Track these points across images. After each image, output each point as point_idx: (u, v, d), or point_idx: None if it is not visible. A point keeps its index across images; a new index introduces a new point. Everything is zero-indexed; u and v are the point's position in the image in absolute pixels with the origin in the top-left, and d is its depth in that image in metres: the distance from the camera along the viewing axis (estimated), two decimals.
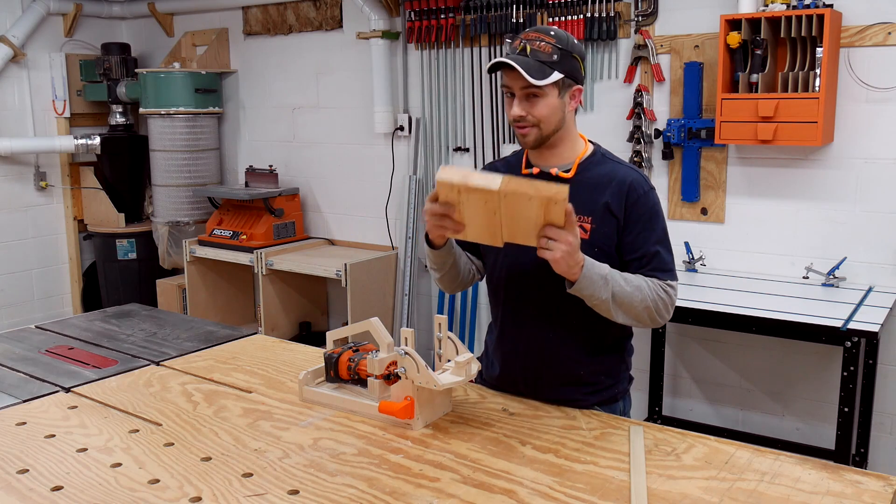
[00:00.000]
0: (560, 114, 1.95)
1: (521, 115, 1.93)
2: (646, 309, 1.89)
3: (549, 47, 1.90)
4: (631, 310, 1.88)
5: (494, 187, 1.66)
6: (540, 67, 1.88)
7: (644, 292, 1.88)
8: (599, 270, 1.82)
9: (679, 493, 1.54)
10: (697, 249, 3.76)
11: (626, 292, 1.86)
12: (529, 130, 1.95)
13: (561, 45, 1.91)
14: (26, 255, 5.43)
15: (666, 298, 1.93)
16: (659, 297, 1.91)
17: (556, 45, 1.91)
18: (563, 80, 1.92)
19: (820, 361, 3.57)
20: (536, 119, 1.93)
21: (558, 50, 1.90)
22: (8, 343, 2.61)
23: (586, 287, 1.81)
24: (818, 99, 3.16)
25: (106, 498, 1.56)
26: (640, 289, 1.88)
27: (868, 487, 1.55)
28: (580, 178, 1.99)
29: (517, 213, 1.71)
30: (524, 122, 1.94)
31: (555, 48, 1.90)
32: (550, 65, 1.89)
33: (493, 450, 1.74)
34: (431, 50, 4.45)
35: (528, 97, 1.92)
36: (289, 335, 4.88)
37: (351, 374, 1.96)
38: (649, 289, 1.90)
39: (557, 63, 1.90)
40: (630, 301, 1.87)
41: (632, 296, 1.86)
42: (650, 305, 1.89)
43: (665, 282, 1.94)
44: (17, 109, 5.31)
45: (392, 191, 4.74)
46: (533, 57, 1.89)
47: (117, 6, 5.73)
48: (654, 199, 1.98)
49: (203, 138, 5.20)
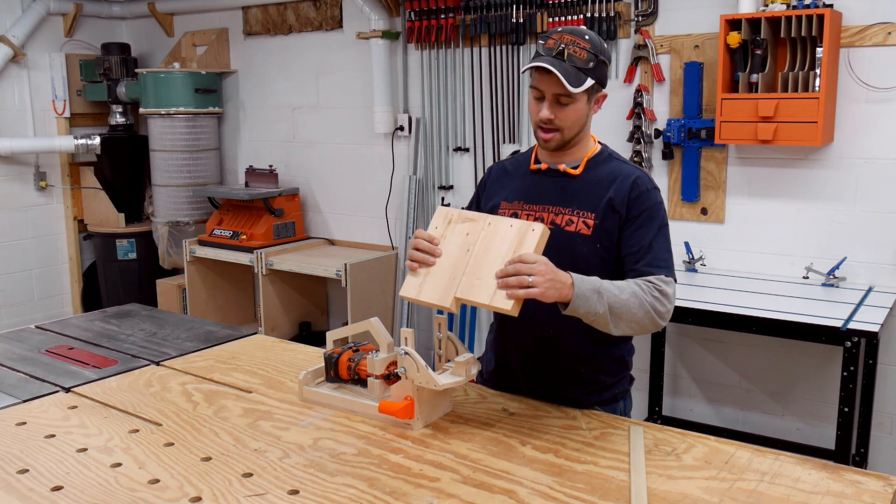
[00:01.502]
0: (585, 119, 1.96)
1: (550, 118, 1.92)
2: (646, 313, 1.81)
3: (584, 53, 1.88)
4: (631, 317, 1.80)
5: (451, 307, 1.77)
6: (577, 74, 1.87)
7: (640, 297, 1.81)
8: (591, 285, 1.76)
9: (679, 493, 1.54)
10: (697, 249, 3.76)
11: (621, 301, 1.78)
12: (554, 135, 1.95)
13: (595, 51, 1.90)
14: (26, 255, 5.42)
15: (662, 297, 1.85)
16: (655, 297, 1.83)
17: (591, 50, 1.89)
18: (593, 86, 1.91)
19: (820, 361, 3.57)
20: (563, 124, 1.93)
21: (593, 56, 1.89)
22: (8, 343, 2.61)
23: (581, 305, 1.74)
24: (818, 99, 3.16)
25: (106, 498, 1.56)
26: (635, 294, 1.81)
27: (868, 487, 1.55)
28: (586, 175, 2.00)
29: (492, 247, 1.78)
30: (550, 126, 1.93)
31: (590, 54, 1.89)
32: (585, 71, 1.88)
33: (493, 450, 1.74)
34: (431, 50, 4.45)
35: (559, 102, 1.91)
36: (289, 335, 4.88)
37: (351, 374, 1.96)
38: (644, 291, 1.83)
39: (592, 70, 1.89)
40: (628, 308, 1.79)
41: (628, 303, 1.79)
42: (648, 309, 1.81)
43: (659, 278, 1.87)
44: (17, 109, 5.31)
45: (392, 191, 4.74)
46: (570, 62, 1.87)
47: (117, 6, 5.73)
48: (655, 198, 1.97)
49: (203, 138, 5.20)
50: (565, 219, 1.97)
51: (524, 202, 2.03)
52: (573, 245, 1.94)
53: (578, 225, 1.95)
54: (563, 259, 1.77)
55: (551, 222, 1.97)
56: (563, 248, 1.88)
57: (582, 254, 1.93)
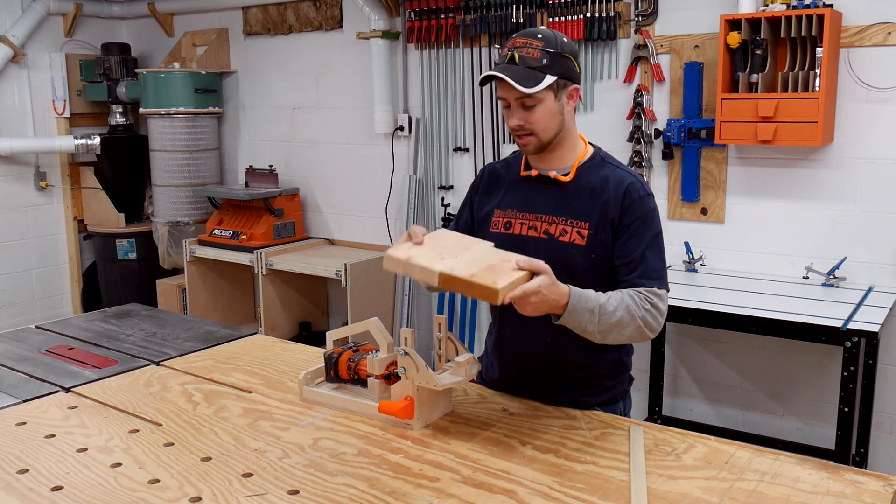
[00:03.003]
0: (559, 117, 1.93)
1: (519, 124, 1.91)
2: (637, 328, 1.81)
3: (536, 52, 1.86)
4: (621, 332, 1.80)
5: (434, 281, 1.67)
6: (530, 74, 1.85)
7: (632, 312, 1.80)
8: (587, 304, 1.74)
9: (679, 493, 1.54)
10: (697, 249, 3.76)
11: (614, 319, 1.77)
12: (529, 139, 1.93)
13: (550, 48, 1.87)
14: (26, 255, 5.43)
15: (653, 311, 1.84)
16: (647, 310, 1.83)
17: (544, 48, 1.86)
18: (556, 82, 1.88)
19: (820, 361, 3.57)
20: (535, 127, 1.91)
21: (547, 53, 1.87)
22: (8, 343, 2.61)
23: (571, 321, 1.75)
24: (818, 99, 3.16)
25: (106, 498, 1.56)
26: (627, 309, 1.80)
27: (868, 487, 1.55)
28: (578, 182, 1.97)
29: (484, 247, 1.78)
30: (523, 131, 1.92)
31: (543, 52, 1.86)
32: (541, 69, 1.86)
33: (493, 450, 1.74)
34: (431, 50, 4.45)
35: (524, 105, 1.89)
36: (289, 335, 4.88)
37: (351, 374, 1.96)
38: (636, 305, 1.82)
39: (548, 66, 1.86)
40: (619, 324, 1.79)
41: (621, 320, 1.78)
42: (640, 324, 1.81)
43: (651, 290, 1.86)
44: (17, 109, 5.32)
45: (392, 191, 4.74)
46: (522, 64, 1.86)
47: (117, 6, 5.73)
48: (649, 205, 1.94)
49: (203, 138, 5.20)
50: (559, 228, 1.94)
51: (517, 210, 2.01)
52: (568, 256, 1.92)
53: (573, 235, 1.93)
54: (557, 270, 1.75)
55: (545, 231, 1.95)
56: (557, 259, 1.83)
57: (577, 264, 1.91)
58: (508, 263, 1.69)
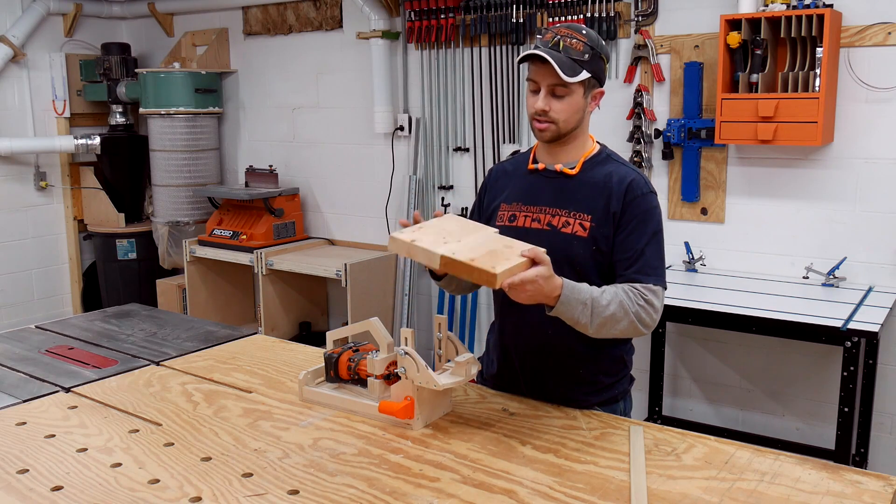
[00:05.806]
0: (580, 114, 1.96)
1: (544, 109, 1.92)
2: (630, 323, 1.83)
3: (581, 45, 1.89)
4: (614, 326, 1.83)
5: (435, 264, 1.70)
6: (571, 65, 1.88)
7: (626, 307, 1.82)
8: (580, 296, 1.77)
9: (679, 493, 1.55)
10: (697, 249, 3.76)
11: (607, 314, 1.80)
12: (548, 126, 1.95)
13: (591, 45, 1.91)
14: (26, 255, 5.42)
15: (648, 307, 1.86)
16: (640, 306, 1.85)
17: (587, 43, 1.90)
18: (589, 79, 1.92)
19: (820, 361, 3.57)
20: (558, 116, 1.93)
21: (590, 49, 1.90)
22: (8, 343, 2.61)
23: (564, 312, 1.77)
24: (818, 99, 3.16)
25: (106, 498, 1.56)
26: (621, 304, 1.82)
27: (868, 487, 1.55)
28: (583, 176, 2.00)
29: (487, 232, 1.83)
30: (545, 118, 1.94)
31: (586, 46, 1.90)
32: (581, 63, 1.89)
33: (493, 450, 1.74)
34: (431, 50, 4.45)
35: (555, 93, 1.91)
36: (289, 335, 4.88)
37: (351, 374, 1.96)
38: (631, 300, 1.84)
39: (587, 62, 1.90)
40: (612, 318, 1.81)
41: (614, 315, 1.81)
42: (633, 319, 1.83)
43: (647, 286, 1.88)
44: (17, 109, 5.31)
45: (392, 191, 4.74)
46: (565, 53, 1.89)
47: (117, 6, 5.73)
48: (651, 202, 1.96)
49: (203, 138, 5.20)
50: (562, 220, 1.97)
51: (522, 203, 2.04)
52: (569, 247, 1.94)
53: (575, 227, 1.95)
54: (559, 261, 1.77)
55: (548, 223, 1.98)
56: (559, 250, 1.87)
57: (578, 255, 1.94)
58: (510, 249, 1.72)
